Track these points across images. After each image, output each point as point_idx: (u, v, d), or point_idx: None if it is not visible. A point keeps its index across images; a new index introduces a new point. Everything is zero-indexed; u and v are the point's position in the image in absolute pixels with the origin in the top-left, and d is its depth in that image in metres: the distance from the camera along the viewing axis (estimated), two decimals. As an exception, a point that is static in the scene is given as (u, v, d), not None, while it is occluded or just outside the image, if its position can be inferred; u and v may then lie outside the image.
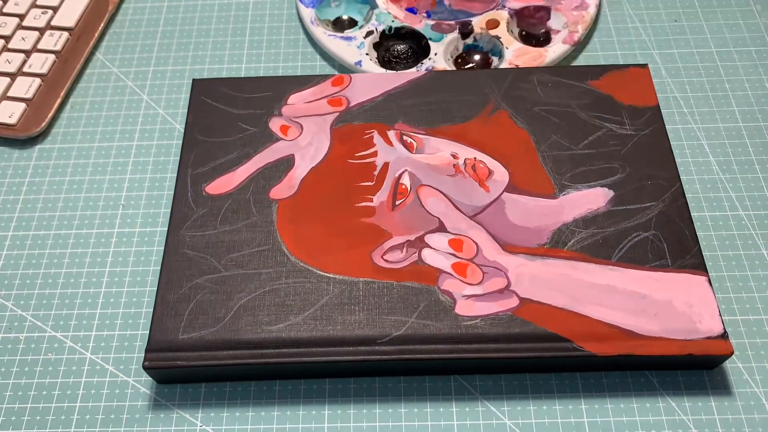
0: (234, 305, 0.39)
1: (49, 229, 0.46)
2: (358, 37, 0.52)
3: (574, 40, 0.52)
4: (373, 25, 0.53)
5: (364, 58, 0.51)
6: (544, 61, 0.51)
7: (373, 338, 0.38)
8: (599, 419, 0.38)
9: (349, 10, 0.55)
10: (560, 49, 0.51)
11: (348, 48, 0.52)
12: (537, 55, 0.51)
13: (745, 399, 0.38)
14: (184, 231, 0.42)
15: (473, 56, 0.53)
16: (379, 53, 0.52)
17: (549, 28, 0.53)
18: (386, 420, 0.38)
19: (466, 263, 0.40)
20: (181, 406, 0.39)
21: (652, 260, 0.40)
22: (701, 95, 0.50)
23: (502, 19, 0.53)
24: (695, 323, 0.38)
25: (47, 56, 0.53)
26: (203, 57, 0.54)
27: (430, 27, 0.53)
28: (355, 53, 0.51)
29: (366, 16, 0.54)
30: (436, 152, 0.45)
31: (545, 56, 0.51)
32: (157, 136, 0.50)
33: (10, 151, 0.50)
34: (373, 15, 0.54)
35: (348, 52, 0.51)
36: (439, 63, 0.51)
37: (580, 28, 0.52)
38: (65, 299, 0.43)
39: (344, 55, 0.51)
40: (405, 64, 0.52)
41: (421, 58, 0.52)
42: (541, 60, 0.51)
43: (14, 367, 0.41)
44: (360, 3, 0.55)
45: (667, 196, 0.42)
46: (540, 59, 0.51)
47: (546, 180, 0.43)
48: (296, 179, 0.44)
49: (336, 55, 0.52)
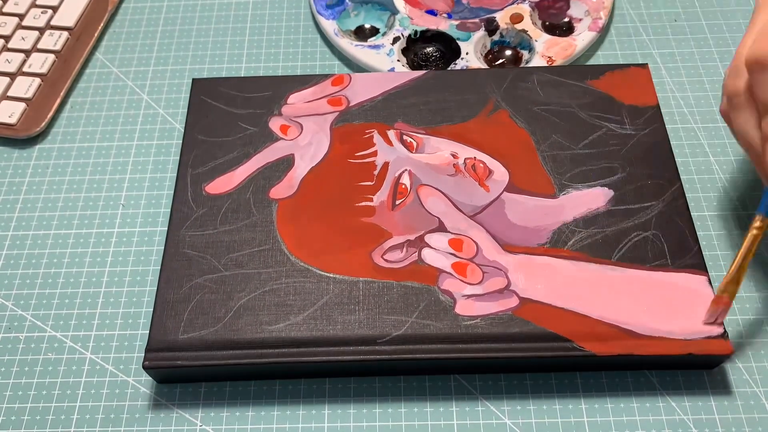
0: (234, 305, 0.39)
1: (49, 229, 0.46)
2: (386, 44, 0.52)
3: (599, 26, 0.52)
4: (398, 30, 0.53)
5: (396, 64, 0.51)
6: (575, 50, 0.51)
7: (373, 338, 0.38)
8: (599, 419, 0.38)
9: (369, 18, 0.55)
10: (588, 37, 0.52)
11: (378, 56, 0.51)
12: (567, 45, 0.51)
13: (745, 399, 0.38)
14: (184, 231, 0.42)
15: (504, 52, 0.52)
16: (408, 58, 0.52)
17: (570, 16, 0.53)
18: (386, 420, 0.38)
19: (466, 263, 0.40)
20: (181, 406, 0.39)
21: (652, 260, 0.40)
22: (701, 95, 0.50)
23: (525, 12, 0.53)
24: (695, 323, 0.38)
25: (47, 56, 0.53)
26: (203, 57, 0.54)
27: (455, 27, 0.53)
28: (386, 61, 0.51)
29: (387, 23, 0.54)
30: (436, 152, 0.45)
31: (575, 45, 0.51)
32: (157, 136, 0.50)
33: (10, 151, 0.50)
34: (395, 20, 0.53)
35: (378, 61, 0.51)
36: (472, 62, 0.51)
37: (603, 14, 0.52)
38: (65, 299, 0.43)
39: (375, 64, 0.51)
40: (435, 67, 0.52)
41: (451, 59, 0.52)
42: (572, 50, 0.51)
43: (14, 367, 0.41)
44: (379, 10, 0.55)
45: (667, 196, 0.42)
46: (570, 49, 0.51)
47: (546, 180, 0.43)
48: (296, 179, 0.44)
49: (366, 64, 0.51)
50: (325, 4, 0.54)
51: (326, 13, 0.54)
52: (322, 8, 0.54)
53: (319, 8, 0.54)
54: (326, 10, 0.54)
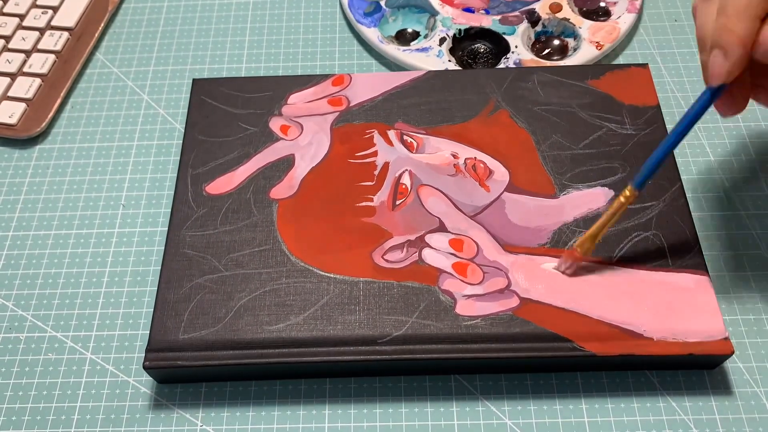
0: (234, 305, 0.39)
1: (49, 229, 0.46)
2: (433, 46, 0.52)
3: (637, 7, 0.53)
4: (442, 31, 0.53)
5: (448, 65, 0.51)
6: (620, 33, 0.51)
7: (373, 338, 0.38)
8: (599, 419, 0.38)
9: (408, 22, 0.55)
10: (629, 19, 0.52)
11: (428, 58, 0.51)
12: (611, 29, 0.52)
13: (745, 399, 0.38)
14: (185, 231, 0.42)
15: (551, 42, 0.53)
16: (456, 57, 0.52)
17: (605, 1, 0.54)
18: (386, 420, 0.38)
19: (466, 263, 0.40)
20: (182, 406, 0.39)
21: (653, 260, 0.40)
22: (701, 95, 0.50)
23: (563, 0, 0.54)
24: (696, 323, 0.38)
25: (47, 56, 0.53)
26: (203, 57, 0.54)
27: (498, 22, 0.53)
28: (438, 62, 0.51)
29: (428, 24, 0.54)
30: (437, 152, 0.45)
31: (619, 28, 0.52)
32: (157, 136, 0.50)
33: (10, 151, 0.50)
34: (436, 22, 0.53)
35: (430, 63, 0.51)
36: (523, 55, 0.51)
37: None
38: (65, 299, 0.43)
39: (428, 67, 0.51)
40: (485, 64, 0.52)
41: (500, 54, 0.52)
42: (616, 33, 0.51)
43: (14, 367, 0.41)
44: (417, 13, 0.54)
45: (667, 196, 0.42)
46: (615, 32, 0.51)
47: (546, 180, 0.43)
48: (296, 179, 0.44)
49: (419, 68, 0.51)
50: (363, 12, 0.53)
51: (366, 21, 0.53)
52: (360, 17, 0.53)
53: (358, 17, 0.53)
54: (365, 18, 0.53)
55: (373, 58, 0.53)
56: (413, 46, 0.52)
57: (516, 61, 0.51)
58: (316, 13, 0.56)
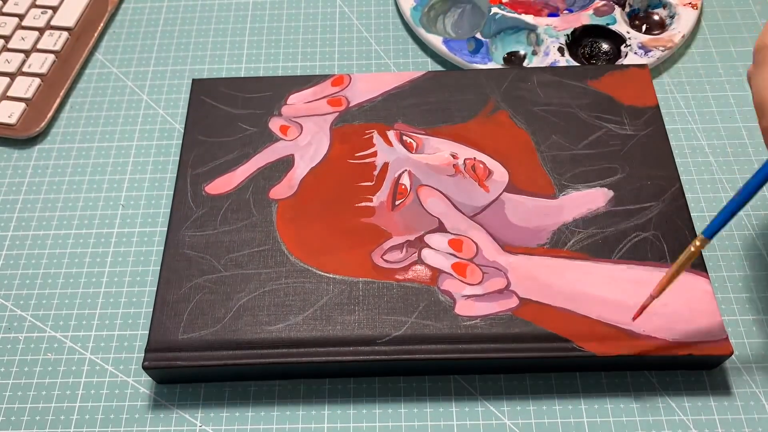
0: (234, 305, 0.39)
1: (48, 229, 0.46)
2: (559, 60, 0.51)
3: None
4: (552, 41, 0.52)
5: None
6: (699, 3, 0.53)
7: (373, 338, 0.38)
8: (599, 419, 0.38)
9: (508, 46, 0.53)
10: None
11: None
12: None
13: (744, 399, 0.38)
14: (184, 231, 0.42)
15: (651, 18, 0.53)
16: (576, 61, 0.51)
17: None
18: (386, 420, 0.38)
19: (465, 263, 0.40)
20: (181, 406, 0.39)
21: (652, 260, 0.40)
22: (701, 95, 0.50)
23: None
24: (695, 323, 0.38)
25: (47, 56, 0.53)
26: (203, 57, 0.54)
27: (594, 15, 0.53)
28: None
29: (529, 41, 0.53)
30: (436, 152, 0.45)
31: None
32: (157, 136, 0.50)
33: (9, 151, 0.50)
34: (538, 36, 0.52)
35: None
36: (638, 38, 0.51)
37: None
38: (65, 299, 0.43)
39: None
40: (606, 58, 0.52)
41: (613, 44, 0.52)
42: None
43: (14, 367, 0.41)
44: (512, 34, 0.53)
45: (667, 196, 0.42)
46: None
47: (546, 180, 0.43)
48: (296, 179, 0.44)
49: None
50: (468, 52, 0.52)
51: (476, 59, 0.51)
52: (468, 57, 0.51)
53: (466, 58, 0.51)
54: (472, 56, 0.52)
55: (373, 59, 0.53)
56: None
57: (639, 45, 0.50)
58: (316, 14, 0.56)
